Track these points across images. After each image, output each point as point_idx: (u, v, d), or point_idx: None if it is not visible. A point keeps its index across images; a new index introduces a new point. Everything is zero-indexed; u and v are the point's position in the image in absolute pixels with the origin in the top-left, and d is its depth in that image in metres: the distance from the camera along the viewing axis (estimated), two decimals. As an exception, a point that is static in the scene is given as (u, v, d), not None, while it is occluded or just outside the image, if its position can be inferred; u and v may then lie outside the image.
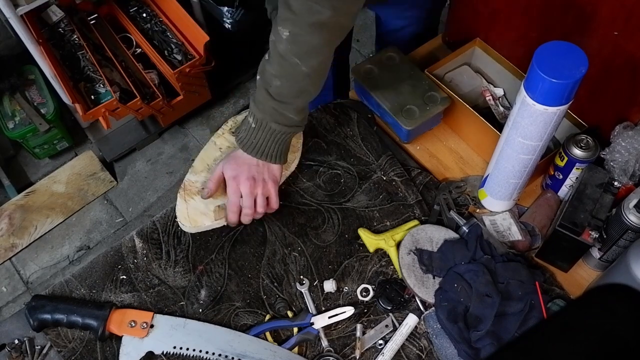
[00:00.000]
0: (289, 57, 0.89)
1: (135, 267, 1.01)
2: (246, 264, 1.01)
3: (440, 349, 0.91)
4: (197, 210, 1.02)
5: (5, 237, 2.05)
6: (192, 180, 1.05)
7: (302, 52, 0.89)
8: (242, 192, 0.98)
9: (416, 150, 1.16)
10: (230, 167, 0.99)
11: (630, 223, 0.87)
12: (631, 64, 0.93)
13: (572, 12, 0.97)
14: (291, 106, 0.94)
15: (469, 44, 1.18)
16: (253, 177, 0.98)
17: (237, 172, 0.98)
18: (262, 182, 0.99)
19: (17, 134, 2.05)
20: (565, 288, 0.97)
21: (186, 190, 1.04)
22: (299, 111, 0.95)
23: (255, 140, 0.97)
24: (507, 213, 1.04)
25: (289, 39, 0.88)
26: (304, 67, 0.90)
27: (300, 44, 0.88)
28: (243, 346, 0.91)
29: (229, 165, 0.99)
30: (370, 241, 1.01)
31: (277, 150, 0.98)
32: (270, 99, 0.93)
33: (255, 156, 0.98)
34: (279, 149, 0.98)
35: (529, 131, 0.87)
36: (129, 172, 2.24)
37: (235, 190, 0.98)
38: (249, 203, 0.98)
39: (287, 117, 0.95)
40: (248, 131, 0.97)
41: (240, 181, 0.98)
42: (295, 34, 0.87)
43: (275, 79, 0.91)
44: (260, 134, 0.96)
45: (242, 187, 0.98)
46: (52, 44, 2.13)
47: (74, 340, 0.94)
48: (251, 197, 0.98)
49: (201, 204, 1.02)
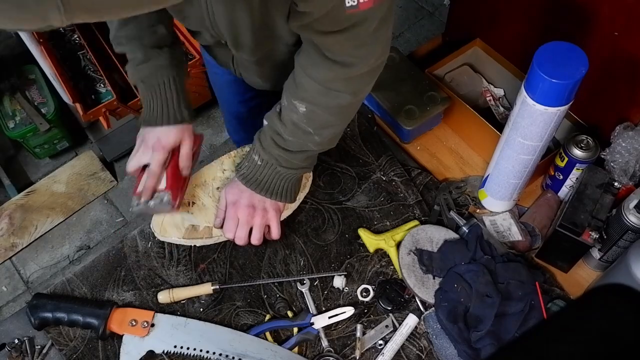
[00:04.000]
0: (303, 127, 0.87)
1: (137, 266, 1.01)
2: (247, 263, 1.01)
3: (440, 349, 0.91)
4: (173, 220, 0.99)
5: (5, 237, 2.05)
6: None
7: (317, 126, 0.87)
8: (240, 219, 0.93)
9: (416, 150, 1.16)
10: (232, 191, 0.94)
11: (630, 223, 0.87)
12: (631, 64, 0.93)
13: (572, 12, 0.97)
14: (298, 156, 0.91)
15: (469, 44, 1.18)
16: (253, 205, 0.93)
17: (237, 197, 0.94)
18: (262, 211, 0.94)
19: (17, 134, 2.06)
20: (565, 288, 0.97)
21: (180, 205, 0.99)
22: (306, 159, 0.92)
23: (260, 177, 0.92)
24: (507, 213, 1.04)
25: (305, 114, 0.85)
26: (316, 136, 0.88)
27: (315, 121, 0.86)
28: (244, 346, 0.91)
29: (231, 189, 0.95)
30: (370, 241, 1.01)
31: (283, 188, 0.93)
32: (277, 147, 0.89)
33: (259, 193, 0.93)
34: (285, 186, 0.94)
35: (529, 131, 0.87)
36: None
37: (232, 215, 0.94)
38: (242, 234, 0.93)
39: (293, 163, 0.91)
40: (253, 168, 0.92)
41: (239, 207, 0.93)
42: (311, 110, 0.85)
43: (285, 135, 0.88)
44: (265, 172, 0.92)
45: (240, 214, 0.93)
46: (53, 44, 2.14)
47: (75, 339, 0.94)
48: (247, 227, 0.93)
49: (179, 216, 0.99)
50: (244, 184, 0.93)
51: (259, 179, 0.92)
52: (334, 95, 0.83)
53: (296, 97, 0.85)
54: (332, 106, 0.85)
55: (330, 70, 0.80)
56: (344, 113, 0.89)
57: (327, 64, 0.79)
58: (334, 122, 0.88)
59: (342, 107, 0.85)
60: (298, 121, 0.86)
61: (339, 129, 0.92)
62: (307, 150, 0.91)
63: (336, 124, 0.89)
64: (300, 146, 0.89)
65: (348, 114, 0.90)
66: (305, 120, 0.86)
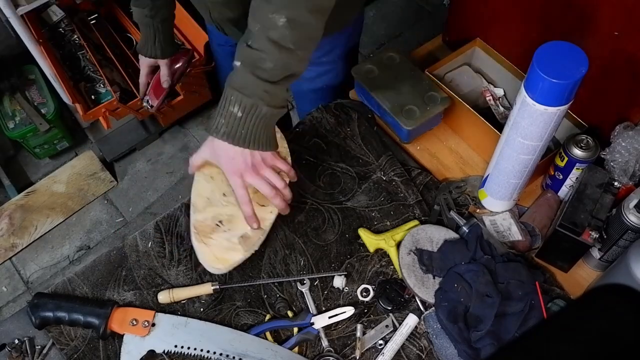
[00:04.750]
0: (285, 43, 0.84)
1: (137, 266, 1.01)
2: (247, 263, 1.01)
3: (440, 349, 0.91)
4: (222, 247, 0.94)
5: (5, 237, 2.05)
6: (199, 219, 0.96)
7: (301, 38, 0.84)
8: (252, 182, 0.91)
9: (416, 150, 1.16)
10: (223, 160, 0.92)
11: (630, 223, 0.87)
12: (631, 64, 0.93)
13: (572, 12, 0.97)
14: (282, 85, 0.88)
15: (469, 44, 1.18)
16: (252, 163, 0.91)
17: (232, 165, 0.91)
18: (263, 162, 0.92)
19: (17, 134, 2.06)
20: (565, 288, 0.97)
21: (200, 233, 0.94)
22: (288, 89, 0.91)
23: (244, 130, 0.88)
24: (507, 213, 1.04)
25: (286, 25, 0.82)
26: (299, 52, 0.85)
27: (299, 30, 0.84)
28: (244, 345, 0.91)
29: (221, 159, 0.92)
30: (370, 241, 1.01)
31: (265, 136, 0.91)
32: (261, 82, 0.85)
33: (247, 147, 0.89)
34: (267, 134, 0.91)
35: (529, 131, 0.87)
36: (129, 172, 2.24)
37: (240, 184, 0.92)
38: (268, 190, 0.92)
39: (279, 97, 0.88)
40: (233, 122, 0.88)
41: (245, 174, 0.91)
42: (293, 19, 0.82)
43: (266, 62, 0.86)
44: (249, 122, 0.88)
45: (248, 179, 0.91)
46: (53, 44, 2.14)
47: (76, 339, 0.94)
48: (265, 183, 0.92)
49: (223, 240, 0.94)
50: (227, 141, 0.89)
51: (242, 132, 0.88)
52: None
53: (273, 10, 0.82)
54: (312, 9, 0.83)
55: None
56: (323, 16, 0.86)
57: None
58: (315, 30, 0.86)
59: (322, 8, 0.84)
60: (280, 38, 0.83)
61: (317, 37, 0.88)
62: (290, 76, 0.88)
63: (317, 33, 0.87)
64: (283, 72, 0.86)
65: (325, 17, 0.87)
66: (289, 32, 0.83)
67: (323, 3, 0.84)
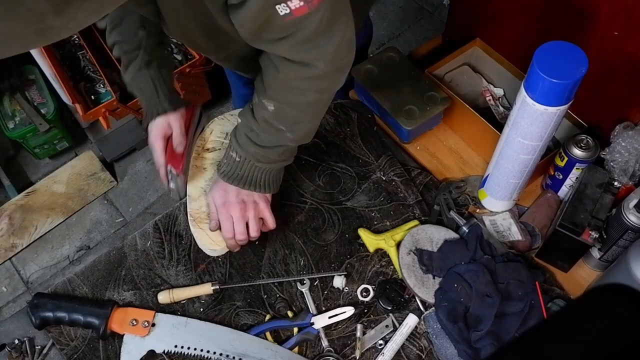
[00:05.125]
0: (275, 124, 0.87)
1: (137, 266, 1.01)
2: (247, 263, 1.01)
3: (440, 349, 0.91)
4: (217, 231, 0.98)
5: (5, 237, 2.05)
6: (195, 207, 1.01)
7: (288, 123, 0.88)
8: (233, 217, 0.94)
9: (416, 150, 1.16)
10: (218, 194, 0.95)
11: (630, 223, 0.87)
12: (631, 64, 0.93)
13: (572, 12, 0.97)
14: (274, 150, 0.91)
15: (469, 44, 1.18)
16: (243, 200, 0.94)
17: (225, 198, 0.94)
18: (253, 204, 0.95)
19: (17, 134, 2.05)
20: (565, 288, 0.98)
21: (196, 220, 1.00)
22: (282, 153, 0.92)
23: (240, 172, 0.93)
24: (507, 213, 1.04)
25: (274, 112, 0.86)
26: (289, 133, 0.89)
27: (285, 118, 0.87)
28: (244, 346, 0.91)
29: (217, 192, 0.96)
30: (370, 241, 1.01)
31: (265, 180, 0.94)
32: (252, 144, 0.90)
33: (242, 187, 0.94)
34: (266, 178, 0.95)
35: (529, 131, 0.87)
36: (129, 172, 2.24)
37: (226, 216, 0.94)
38: (241, 229, 0.94)
39: (270, 158, 0.92)
40: (232, 164, 0.93)
41: (230, 206, 0.94)
42: (280, 108, 0.86)
43: (259, 132, 0.89)
44: (245, 167, 0.93)
45: (233, 212, 0.94)
46: (52, 44, 2.13)
47: (76, 339, 0.94)
48: (242, 222, 0.94)
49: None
50: (226, 181, 0.94)
51: (240, 174, 0.93)
52: (298, 92, 0.84)
53: (264, 96, 0.86)
54: (299, 103, 0.85)
55: (290, 70, 0.81)
56: (313, 110, 0.89)
57: (287, 64, 0.80)
58: (303, 119, 0.89)
59: (309, 104, 0.86)
60: (269, 119, 0.87)
61: (311, 125, 0.92)
62: (282, 145, 0.91)
63: (306, 121, 0.90)
64: (274, 142, 0.90)
65: (317, 110, 0.90)
66: (275, 118, 0.87)
67: (310, 100, 0.85)
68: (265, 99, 0.86)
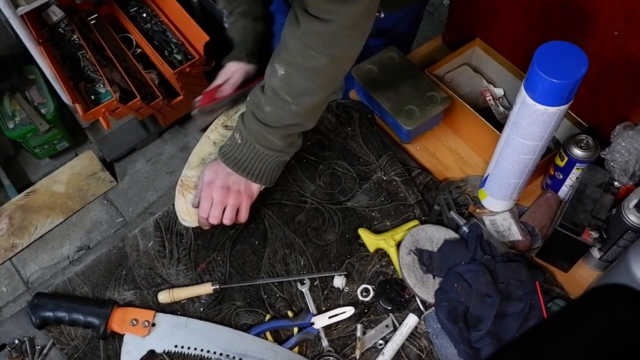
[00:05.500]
0: (281, 94, 0.89)
1: (137, 265, 1.01)
2: (247, 263, 1.01)
3: (440, 349, 0.91)
4: None
5: (5, 237, 2.05)
6: (188, 175, 1.04)
7: (295, 92, 0.89)
8: (214, 198, 0.96)
9: (416, 150, 1.16)
10: (208, 173, 0.97)
11: (630, 223, 0.87)
12: (631, 64, 0.93)
13: (572, 12, 0.97)
14: (276, 132, 0.92)
15: (469, 44, 1.18)
16: (228, 186, 0.96)
17: (213, 178, 0.96)
18: (236, 193, 0.96)
19: (17, 134, 2.06)
20: (565, 288, 0.98)
21: (184, 186, 1.03)
22: (283, 137, 0.94)
23: (239, 155, 0.95)
24: (507, 213, 1.04)
25: (283, 78, 0.88)
26: (294, 105, 0.90)
27: (293, 85, 0.88)
28: (244, 345, 0.91)
29: (208, 171, 0.97)
30: (370, 241, 1.01)
31: (260, 170, 0.96)
32: (256, 121, 0.92)
33: (237, 172, 0.95)
34: (263, 168, 0.96)
35: (529, 131, 0.87)
36: (129, 172, 2.24)
37: (207, 195, 0.96)
38: (216, 213, 0.96)
39: (271, 141, 0.93)
40: (233, 146, 0.96)
41: (214, 188, 0.96)
42: (289, 74, 0.87)
43: (265, 106, 0.91)
44: (245, 151, 0.95)
45: (214, 194, 0.96)
46: (52, 44, 2.14)
47: (76, 339, 0.94)
48: (220, 207, 0.96)
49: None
50: (223, 161, 0.96)
51: (238, 157, 0.95)
52: (310, 54, 0.85)
53: (278, 59, 0.88)
54: (308, 67, 0.86)
55: (308, 23, 0.83)
56: (321, 79, 0.89)
57: (306, 17, 0.83)
58: (310, 89, 0.89)
59: (317, 69, 0.87)
60: (277, 87, 0.89)
61: (317, 99, 0.92)
62: (286, 126, 0.92)
63: (312, 92, 0.90)
64: (278, 119, 0.91)
65: (325, 80, 0.90)
66: (283, 85, 0.88)
67: (318, 65, 0.86)
68: (277, 62, 0.88)
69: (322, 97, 0.93)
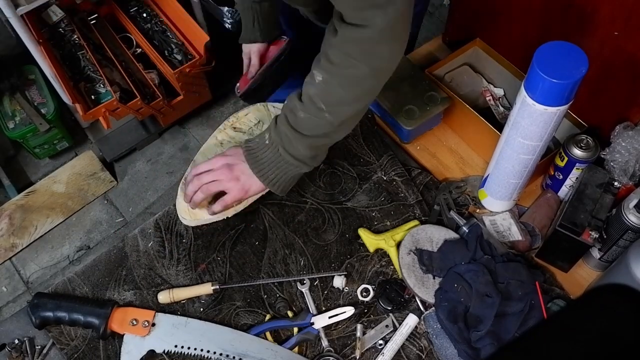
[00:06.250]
0: (317, 102, 0.88)
1: (137, 265, 1.01)
2: (247, 263, 1.01)
3: (440, 349, 0.91)
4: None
5: (5, 237, 2.05)
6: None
7: (331, 101, 0.88)
8: (213, 166, 0.96)
9: (416, 150, 1.16)
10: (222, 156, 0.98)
11: (630, 223, 0.87)
12: (631, 64, 0.93)
13: (572, 12, 0.97)
14: (304, 140, 0.91)
15: (469, 44, 1.18)
16: (232, 168, 0.95)
17: (224, 161, 0.96)
18: (233, 180, 0.95)
19: (17, 134, 2.06)
20: (565, 288, 0.98)
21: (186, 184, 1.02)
22: (310, 147, 0.92)
23: (261, 155, 0.94)
24: (507, 213, 1.04)
25: (320, 86, 0.88)
26: (328, 114, 0.89)
27: (330, 93, 0.88)
28: (244, 345, 0.91)
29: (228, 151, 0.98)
30: (370, 241, 1.01)
31: (276, 176, 0.95)
32: (287, 125, 0.91)
33: (252, 170, 0.95)
34: (278, 175, 0.95)
35: (529, 131, 0.87)
36: (129, 172, 2.24)
37: (209, 161, 0.97)
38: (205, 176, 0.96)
39: (296, 149, 0.92)
40: (260, 144, 0.95)
41: (219, 160, 0.96)
42: (327, 81, 0.87)
43: (299, 111, 0.90)
44: (267, 153, 0.94)
45: (216, 164, 0.96)
46: (52, 44, 2.14)
47: (76, 339, 0.94)
48: (212, 174, 0.96)
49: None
50: (245, 155, 0.95)
51: (260, 156, 0.95)
52: (350, 63, 0.85)
53: (317, 67, 0.88)
54: (347, 76, 0.86)
55: (346, 30, 0.84)
56: (358, 88, 0.88)
57: (344, 26, 0.83)
58: (346, 98, 0.88)
59: (357, 79, 0.86)
60: (313, 95, 0.88)
61: (351, 110, 0.91)
62: (315, 136, 0.91)
63: (348, 102, 0.89)
64: (310, 127, 0.90)
65: (362, 91, 0.89)
66: (320, 92, 0.88)
67: (357, 74, 0.86)
68: (316, 70, 0.88)
69: (357, 108, 0.91)
